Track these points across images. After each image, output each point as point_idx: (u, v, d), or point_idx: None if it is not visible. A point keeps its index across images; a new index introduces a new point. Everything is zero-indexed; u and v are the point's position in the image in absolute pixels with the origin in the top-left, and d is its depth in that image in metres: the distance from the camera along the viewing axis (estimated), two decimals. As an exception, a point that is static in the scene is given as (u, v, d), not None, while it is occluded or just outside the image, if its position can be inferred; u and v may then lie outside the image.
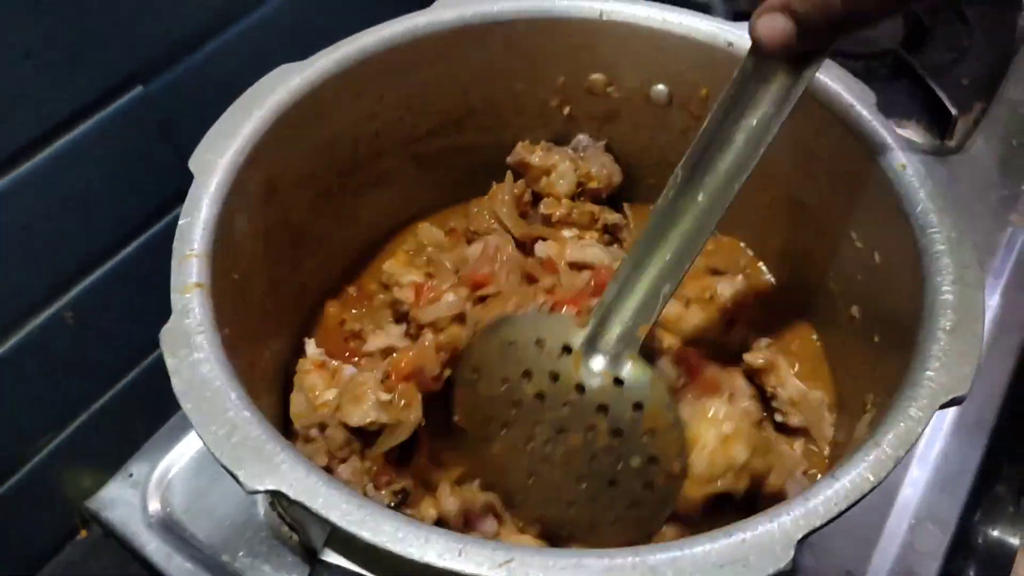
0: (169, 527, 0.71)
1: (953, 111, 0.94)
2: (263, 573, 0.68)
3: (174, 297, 0.47)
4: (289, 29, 0.74)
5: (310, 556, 0.67)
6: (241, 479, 0.40)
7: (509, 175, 0.71)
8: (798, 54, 0.43)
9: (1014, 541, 0.79)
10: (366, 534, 0.38)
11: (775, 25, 0.42)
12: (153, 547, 0.70)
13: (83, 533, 0.81)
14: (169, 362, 0.44)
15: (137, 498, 0.74)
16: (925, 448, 0.74)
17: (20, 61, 0.57)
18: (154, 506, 0.73)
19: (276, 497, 0.40)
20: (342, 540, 0.40)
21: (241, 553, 0.69)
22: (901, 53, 1.01)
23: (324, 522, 0.39)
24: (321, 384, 0.55)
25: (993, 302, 0.83)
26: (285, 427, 0.59)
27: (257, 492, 0.40)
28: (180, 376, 0.43)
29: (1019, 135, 0.98)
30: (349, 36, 0.63)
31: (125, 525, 0.72)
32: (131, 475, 0.75)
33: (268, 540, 0.70)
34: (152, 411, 0.77)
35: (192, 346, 0.45)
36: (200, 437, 0.41)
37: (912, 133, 0.96)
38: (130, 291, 0.74)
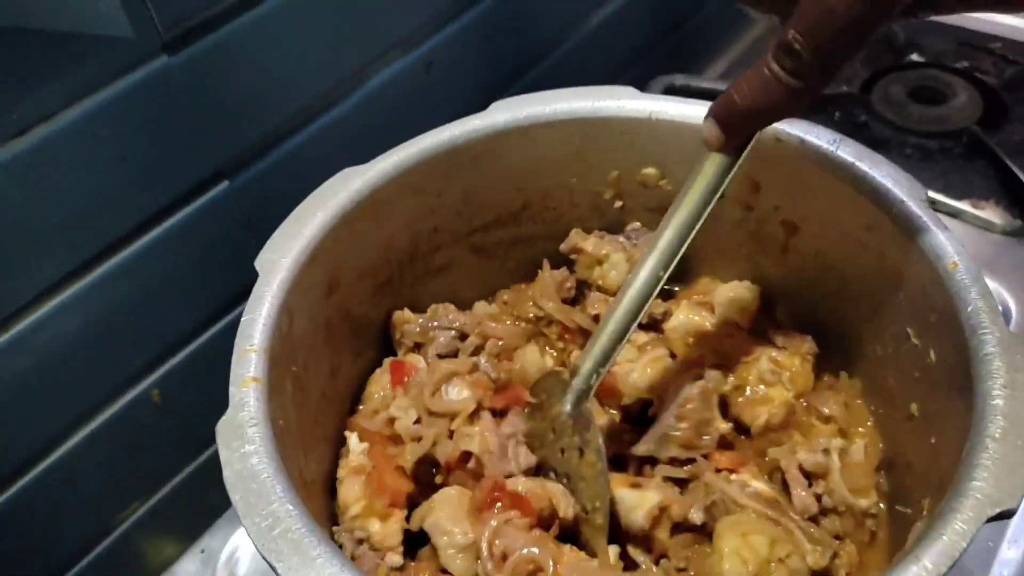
0: (237, 606, 0.73)
1: (1033, 191, 0.91)
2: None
3: (232, 391, 0.50)
4: (358, 128, 0.79)
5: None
6: (279, 571, 0.42)
7: (546, 263, 0.73)
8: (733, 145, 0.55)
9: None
10: (389, 636, 0.39)
11: (711, 130, 0.54)
12: (237, 624, 0.72)
13: (161, 605, 0.84)
14: (222, 454, 0.47)
15: (208, 574, 0.76)
16: (1010, 546, 0.69)
17: (116, 164, 0.63)
18: (221, 583, 0.75)
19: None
20: (374, 635, 0.41)
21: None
22: (976, 131, 0.99)
23: (355, 617, 0.40)
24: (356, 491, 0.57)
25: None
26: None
27: (293, 585, 0.41)
28: (231, 468, 0.46)
29: (1106, 215, 0.94)
30: (410, 139, 0.67)
31: (194, 600, 0.74)
32: (203, 551, 0.78)
33: (328, 622, 0.71)
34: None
35: (244, 438, 0.47)
36: (245, 528, 0.44)
37: (990, 214, 0.93)
38: (211, 371, 0.78)
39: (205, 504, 0.80)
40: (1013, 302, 0.84)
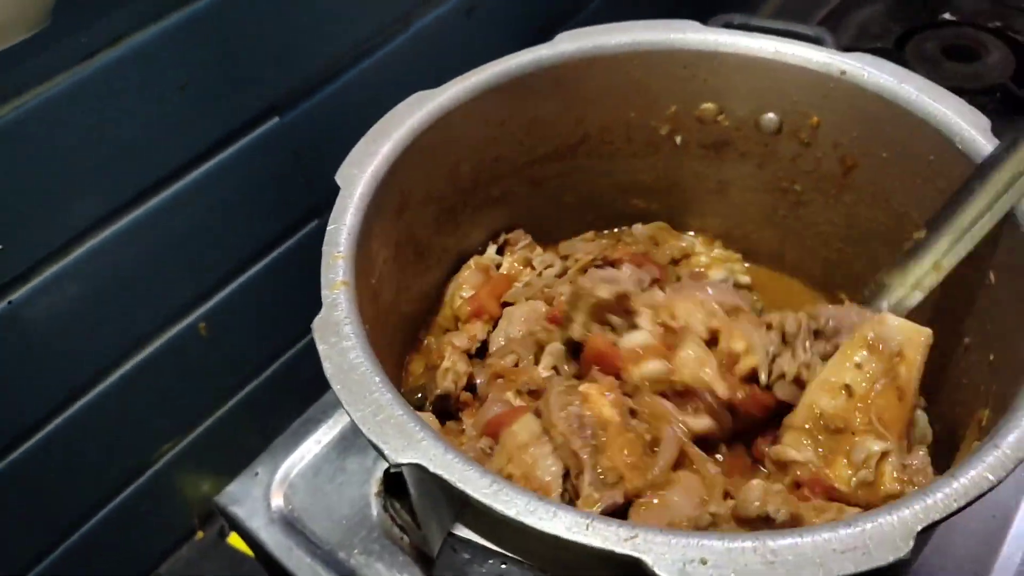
0: (290, 523, 0.75)
1: (1068, 146, 0.92)
2: (377, 571, 0.71)
3: (324, 292, 0.52)
4: (401, 72, 0.80)
5: (421, 557, 0.70)
6: (386, 452, 0.44)
7: None
8: None
9: None
10: (499, 506, 0.41)
11: None
12: (276, 541, 0.73)
13: (199, 534, 0.85)
14: (321, 348, 0.48)
15: (261, 495, 0.78)
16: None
17: (176, 93, 0.64)
18: (277, 503, 0.77)
19: (416, 472, 0.43)
20: (473, 515, 0.43)
21: (356, 551, 0.72)
22: (1011, 87, 1.00)
23: (459, 496, 0.42)
24: None
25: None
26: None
27: (400, 465, 0.43)
28: (331, 361, 0.48)
29: None
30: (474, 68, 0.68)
31: (250, 519, 0.76)
32: (256, 474, 0.79)
33: (381, 540, 0.73)
34: (264, 422, 0.81)
35: (341, 335, 0.49)
36: (349, 415, 0.45)
37: None
38: (258, 306, 0.80)
39: (241, 441, 0.80)
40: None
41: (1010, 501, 0.71)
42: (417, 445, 0.44)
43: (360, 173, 0.59)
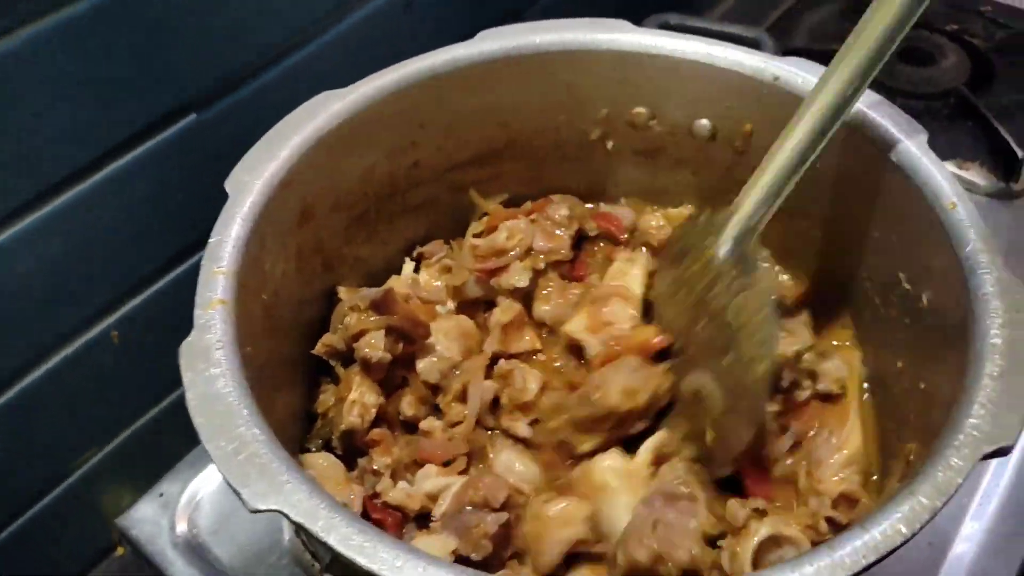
0: (194, 548, 0.71)
1: (1020, 153, 0.90)
2: (284, 599, 0.67)
3: (197, 312, 0.48)
4: (339, 62, 0.75)
5: (331, 586, 0.67)
6: (244, 497, 0.39)
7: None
8: None
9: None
10: (362, 560, 0.37)
11: None
12: (177, 568, 0.70)
13: (120, 550, 0.81)
14: (185, 376, 0.44)
15: (166, 518, 0.74)
16: (980, 505, 0.70)
17: (79, 88, 0.59)
18: (181, 527, 0.73)
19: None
20: (343, 566, 0.39)
21: (263, 578, 0.69)
22: (964, 92, 0.98)
23: (323, 545, 0.38)
24: None
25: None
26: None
27: (259, 511, 0.39)
28: (195, 390, 0.43)
29: (1091, 181, 0.93)
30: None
31: (152, 544, 0.72)
32: (161, 495, 0.76)
33: (290, 567, 0.69)
34: (189, 432, 0.78)
35: (210, 361, 0.45)
36: (209, 451, 0.41)
37: (975, 175, 0.92)
38: (175, 313, 0.75)
39: (166, 451, 0.77)
40: (996, 263, 0.84)
41: (948, 527, 0.69)
42: (280, 489, 0.40)
43: (253, 180, 0.55)
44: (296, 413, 0.62)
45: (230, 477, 0.40)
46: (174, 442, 0.77)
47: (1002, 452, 0.40)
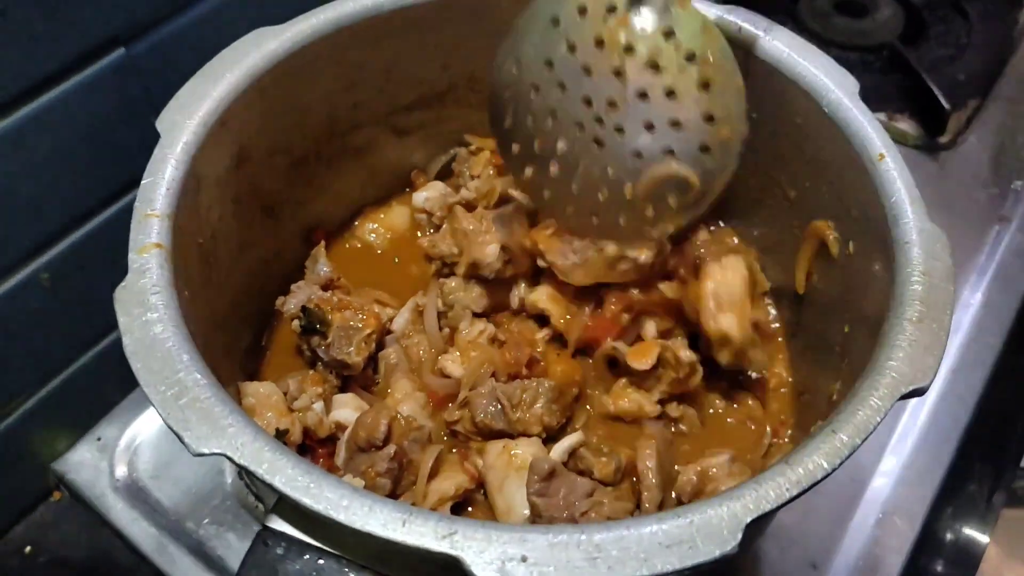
0: (135, 492, 0.71)
1: (946, 107, 0.93)
2: (227, 541, 0.68)
3: (132, 256, 0.47)
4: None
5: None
6: (187, 441, 0.39)
7: None
8: None
9: (983, 539, 0.79)
10: (308, 501, 0.37)
11: None
12: (118, 511, 0.70)
13: (56, 495, 0.80)
14: (121, 321, 0.43)
15: (105, 462, 0.73)
16: (898, 442, 0.74)
17: (-3, 20, 0.56)
18: (121, 471, 0.72)
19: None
20: (288, 506, 0.40)
21: (206, 521, 0.69)
22: (897, 46, 1.00)
23: (269, 487, 0.39)
24: None
25: (976, 300, 0.83)
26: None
27: (203, 455, 0.39)
28: (131, 335, 0.43)
29: (1012, 133, 0.97)
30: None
31: (91, 488, 0.71)
32: (99, 439, 0.75)
33: (234, 509, 0.69)
34: (127, 376, 0.77)
35: (146, 306, 0.44)
36: (148, 397, 0.41)
37: (905, 127, 0.95)
38: (108, 255, 0.73)
39: (102, 395, 0.76)
40: (920, 212, 0.87)
41: (868, 463, 0.72)
42: (223, 432, 0.40)
43: (185, 120, 0.53)
44: (237, 351, 0.62)
45: (171, 422, 0.40)
46: (110, 387, 0.76)
47: (918, 392, 0.43)
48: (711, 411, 0.62)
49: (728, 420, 0.62)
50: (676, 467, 0.56)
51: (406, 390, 0.60)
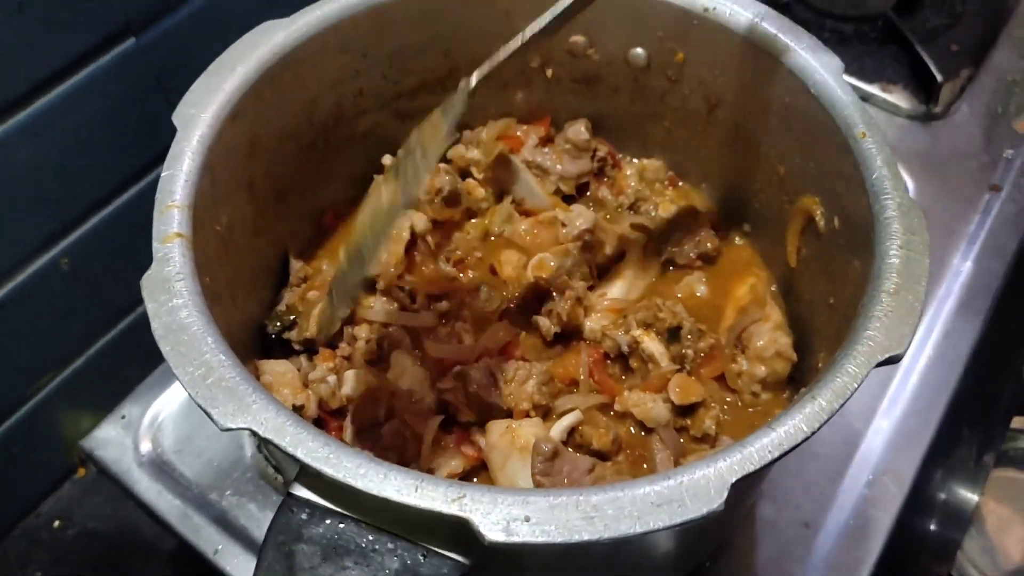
0: (159, 467, 0.74)
1: (939, 77, 0.94)
2: (249, 511, 0.71)
3: (155, 246, 0.49)
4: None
5: (292, 496, 0.71)
6: (215, 417, 0.42)
7: None
8: None
9: (973, 497, 0.82)
10: (328, 470, 0.41)
11: None
12: (144, 485, 0.73)
13: (81, 472, 0.84)
14: (149, 307, 0.46)
15: (129, 439, 0.76)
16: (889, 405, 0.76)
17: (14, 14, 0.58)
18: (145, 446, 0.75)
19: (250, 435, 0.42)
20: (310, 476, 0.43)
21: (228, 492, 0.72)
22: (891, 17, 1.01)
23: (292, 458, 0.42)
24: None
25: (966, 267, 0.85)
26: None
27: (230, 430, 0.42)
28: (160, 320, 0.46)
29: (1004, 103, 0.99)
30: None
31: (117, 464, 0.74)
32: (123, 417, 0.78)
33: (254, 480, 0.73)
34: (146, 355, 0.79)
35: (172, 292, 0.47)
36: (178, 377, 0.44)
37: (898, 98, 0.96)
38: (125, 239, 0.76)
39: (124, 374, 0.79)
40: (912, 182, 0.89)
41: (859, 426, 0.75)
42: (248, 409, 0.43)
43: (200, 113, 0.56)
44: (251, 327, 0.65)
45: (200, 400, 0.43)
46: (131, 366, 0.79)
47: (893, 360, 0.45)
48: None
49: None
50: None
51: (405, 365, 0.63)
